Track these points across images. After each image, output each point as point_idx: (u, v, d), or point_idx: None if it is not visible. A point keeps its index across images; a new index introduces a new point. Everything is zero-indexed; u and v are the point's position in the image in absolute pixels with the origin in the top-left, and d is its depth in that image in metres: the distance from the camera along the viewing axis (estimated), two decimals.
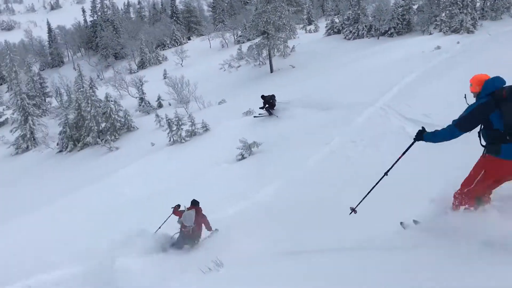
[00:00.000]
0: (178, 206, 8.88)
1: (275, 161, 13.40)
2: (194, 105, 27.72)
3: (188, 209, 8.28)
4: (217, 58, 42.30)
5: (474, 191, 4.42)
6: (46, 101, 44.44)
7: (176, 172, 16.06)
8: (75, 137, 27.68)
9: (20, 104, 33.01)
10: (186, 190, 13.41)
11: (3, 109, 45.56)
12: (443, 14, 32.94)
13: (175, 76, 31.44)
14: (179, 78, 30.22)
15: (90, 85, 38.93)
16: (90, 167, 22.78)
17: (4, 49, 60.84)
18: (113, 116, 26.02)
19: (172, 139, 19.91)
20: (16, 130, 33.43)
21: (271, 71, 33.07)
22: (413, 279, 3.48)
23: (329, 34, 42.14)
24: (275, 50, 34.13)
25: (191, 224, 8.04)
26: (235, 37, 54.88)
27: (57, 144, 28.96)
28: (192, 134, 19.85)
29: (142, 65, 56.49)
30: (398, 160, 4.95)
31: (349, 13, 39.62)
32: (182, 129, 19.80)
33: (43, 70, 73.04)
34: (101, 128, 26.58)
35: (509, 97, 4.01)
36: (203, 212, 8.38)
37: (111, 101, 26.88)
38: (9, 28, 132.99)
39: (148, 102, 31.86)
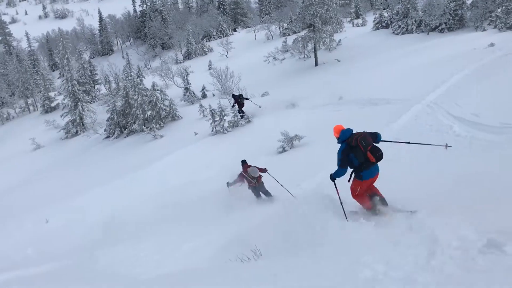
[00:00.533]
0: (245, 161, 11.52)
1: (317, 155, 13.34)
2: None
3: (248, 167, 10.89)
4: (261, 50, 42.34)
5: (359, 195, 6.92)
6: (95, 88, 45.89)
7: (217, 162, 16.30)
8: (122, 124, 28.53)
9: (71, 90, 34.25)
10: (225, 180, 13.61)
11: (55, 95, 47.50)
12: (499, 10, 31.57)
13: (220, 67, 31.71)
14: (224, 69, 30.48)
15: (138, 74, 39.86)
16: (135, 153, 23.44)
17: (57, 36, 63.19)
18: (159, 105, 26.59)
19: (214, 129, 20.18)
20: (66, 115, 34.77)
21: (316, 64, 32.82)
22: None
23: (376, 29, 41.33)
24: (321, 43, 33.81)
25: (256, 175, 10.57)
26: (281, 30, 54.70)
27: (105, 130, 29.94)
28: (234, 125, 20.05)
29: (188, 56, 57.30)
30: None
31: (398, 7, 38.67)
32: (224, 119, 20.04)
33: (93, 58, 75.43)
34: (146, 116, 27.24)
35: (355, 144, 6.42)
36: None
37: (157, 90, 27.45)
38: (63, 16, 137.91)
39: (193, 92, 32.31)
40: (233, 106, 21.07)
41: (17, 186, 23.56)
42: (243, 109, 21.30)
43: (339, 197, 6.88)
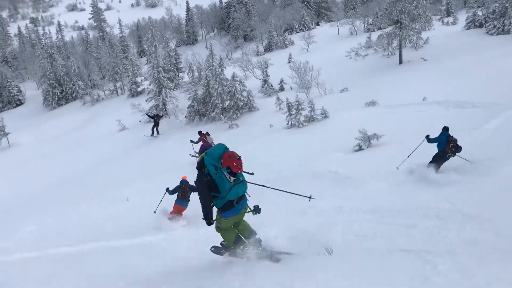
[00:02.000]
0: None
1: (392, 156, 12.88)
2: (315, 91, 27.66)
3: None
4: (344, 45, 41.50)
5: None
6: (179, 75, 47.44)
7: (290, 154, 16.29)
8: (201, 112, 29.37)
9: (157, 77, 35.68)
10: (298, 172, 13.57)
11: (141, 80, 49.76)
12: None
13: (300, 60, 31.54)
14: (303, 63, 30.28)
15: (219, 64, 40.80)
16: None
17: (147, 24, 66.16)
18: (237, 95, 27.01)
19: (290, 123, 20.14)
20: (150, 100, 36.31)
21: (400, 62, 31.59)
22: None
23: (468, 28, 38.88)
24: (407, 41, 32.47)
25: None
26: (365, 25, 53.32)
27: (185, 117, 30.98)
28: (310, 119, 19.89)
29: (269, 48, 57.61)
30: None
31: (495, 6, 36.08)
32: (301, 113, 19.93)
33: (179, 46, 78.16)
34: (225, 105, 27.79)
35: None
36: None
37: (237, 81, 27.88)
38: (153, 5, 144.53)
39: (271, 84, 32.45)
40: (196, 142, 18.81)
41: (104, 163, 25.08)
42: None
43: None
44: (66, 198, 19.74)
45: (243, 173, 5.49)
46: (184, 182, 12.11)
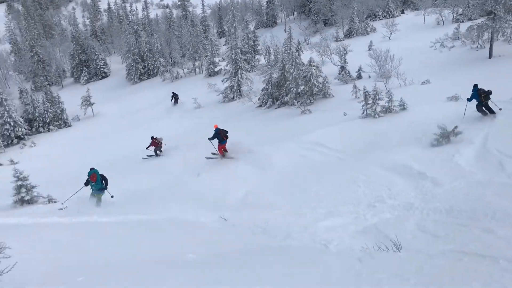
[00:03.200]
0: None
1: (472, 155, 12.17)
2: (394, 81, 26.70)
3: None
4: (429, 35, 39.49)
5: None
6: (256, 58, 47.76)
7: (361, 145, 15.94)
8: (275, 95, 29.41)
9: (234, 58, 36.19)
10: (367, 163, 13.30)
11: (219, 60, 50.67)
12: None
13: (380, 48, 30.52)
14: (384, 51, 29.26)
15: (297, 48, 40.42)
16: (284, 124, 24.10)
17: (229, 5, 67.00)
18: (312, 81, 26.70)
19: (365, 112, 19.63)
20: (226, 81, 36.96)
21: (490, 56, 29.52)
22: None
23: None
24: (500, 33, 30.25)
25: None
26: (454, 15, 50.33)
27: (258, 99, 31.20)
28: (387, 110, 19.26)
29: (349, 34, 56.28)
30: None
31: None
32: (378, 103, 19.35)
33: (258, 28, 78.40)
34: (299, 90, 27.61)
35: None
36: None
37: (313, 66, 27.52)
38: None
39: (348, 72, 31.73)
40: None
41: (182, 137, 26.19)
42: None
43: None
44: (143, 168, 20.83)
45: None
46: (219, 129, 17.79)
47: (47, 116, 42.03)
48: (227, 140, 18.05)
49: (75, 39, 67.34)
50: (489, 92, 15.01)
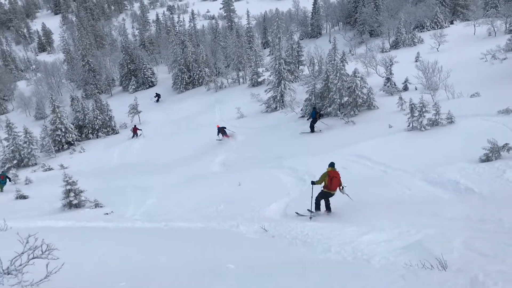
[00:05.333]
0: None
1: None
2: (442, 93, 25.97)
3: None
4: (479, 46, 38.22)
5: None
6: (299, 68, 47.79)
7: (406, 158, 15.60)
8: (318, 106, 29.25)
9: (277, 68, 36.36)
10: (411, 176, 12.99)
11: (263, 71, 51.04)
12: None
13: (428, 60, 29.80)
14: (432, 62, 28.54)
15: (341, 59, 40.15)
16: (326, 136, 23.93)
17: (273, 16, 67.41)
18: (357, 92, 26.37)
19: (411, 125, 19.22)
20: (269, 91, 37.16)
21: None
22: None
23: None
24: None
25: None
26: (507, 26, 48.53)
27: (301, 110, 31.14)
28: (434, 123, 18.77)
29: (395, 45, 55.35)
30: None
31: None
32: (424, 116, 18.89)
33: (302, 39, 78.47)
34: (343, 101, 27.34)
35: None
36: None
37: (358, 77, 27.21)
38: None
39: (394, 83, 31.14)
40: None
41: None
42: None
43: None
44: (183, 176, 21.18)
45: None
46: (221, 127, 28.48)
47: (96, 123, 43.60)
48: (227, 131, 29.52)
49: (124, 49, 69.62)
50: None
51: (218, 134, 29.87)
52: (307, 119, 27.46)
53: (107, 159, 33.04)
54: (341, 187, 11.82)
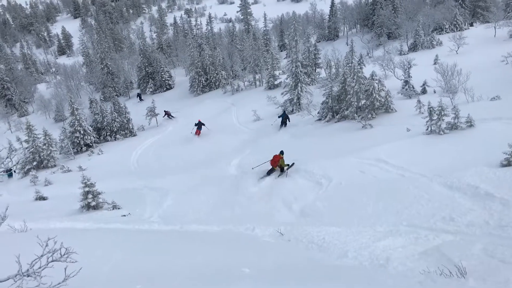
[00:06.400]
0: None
1: None
2: (461, 96, 25.61)
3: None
4: (500, 49, 37.61)
5: None
6: (316, 71, 47.57)
7: (425, 162, 15.39)
8: (335, 109, 29.09)
9: (294, 71, 36.25)
10: (429, 180, 12.82)
11: (279, 73, 50.95)
12: None
13: (447, 63, 29.42)
14: (451, 65, 28.17)
15: (359, 62, 39.92)
16: (343, 139, 23.76)
17: (290, 19, 67.30)
18: (374, 95, 26.15)
19: (430, 128, 18.97)
20: (286, 94, 37.07)
21: None
22: None
23: None
24: None
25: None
26: None
27: (318, 113, 30.98)
28: (453, 127, 18.50)
29: (413, 48, 54.80)
30: None
31: None
32: (443, 119, 18.62)
33: (319, 42, 78.23)
34: (360, 104, 27.14)
35: None
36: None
37: (376, 80, 26.99)
38: (298, 0, 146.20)
39: (412, 86, 30.82)
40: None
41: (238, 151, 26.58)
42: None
43: None
44: (200, 178, 21.27)
45: None
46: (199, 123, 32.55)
47: (114, 126, 43.99)
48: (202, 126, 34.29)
49: (142, 52, 70.20)
50: None
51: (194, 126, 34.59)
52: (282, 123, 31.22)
53: (125, 161, 33.34)
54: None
